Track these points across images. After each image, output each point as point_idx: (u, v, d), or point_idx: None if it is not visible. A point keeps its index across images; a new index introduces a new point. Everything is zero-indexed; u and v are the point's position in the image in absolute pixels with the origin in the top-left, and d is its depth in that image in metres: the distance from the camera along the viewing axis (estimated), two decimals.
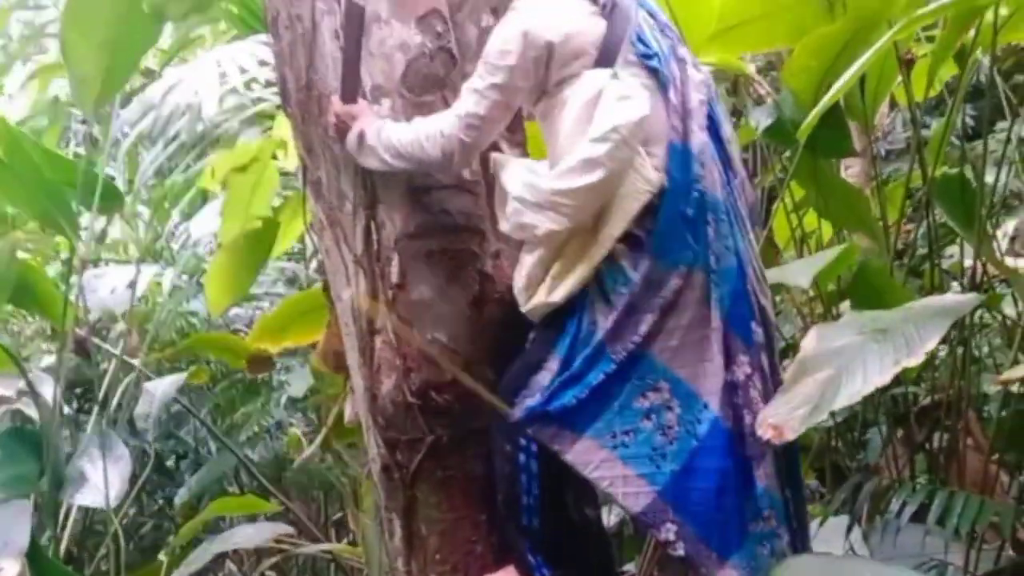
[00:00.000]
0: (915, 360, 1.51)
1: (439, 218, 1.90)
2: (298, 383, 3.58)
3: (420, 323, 1.88)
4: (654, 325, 1.64)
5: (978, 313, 2.54)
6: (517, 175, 1.71)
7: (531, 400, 1.69)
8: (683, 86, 1.72)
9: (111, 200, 2.39)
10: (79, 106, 2.22)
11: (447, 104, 1.84)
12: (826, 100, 1.81)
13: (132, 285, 3.42)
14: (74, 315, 2.41)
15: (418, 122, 1.77)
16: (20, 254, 2.78)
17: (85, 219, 2.32)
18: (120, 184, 3.37)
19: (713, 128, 1.75)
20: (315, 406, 3.37)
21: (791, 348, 2.71)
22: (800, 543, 1.74)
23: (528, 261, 1.74)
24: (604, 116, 1.60)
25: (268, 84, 2.99)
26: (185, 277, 3.82)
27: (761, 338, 1.71)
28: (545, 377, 1.70)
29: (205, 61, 2.72)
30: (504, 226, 1.75)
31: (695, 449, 1.63)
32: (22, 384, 2.47)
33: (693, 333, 1.65)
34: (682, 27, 2.50)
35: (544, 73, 1.68)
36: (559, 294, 1.68)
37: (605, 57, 1.67)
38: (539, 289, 1.71)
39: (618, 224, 1.64)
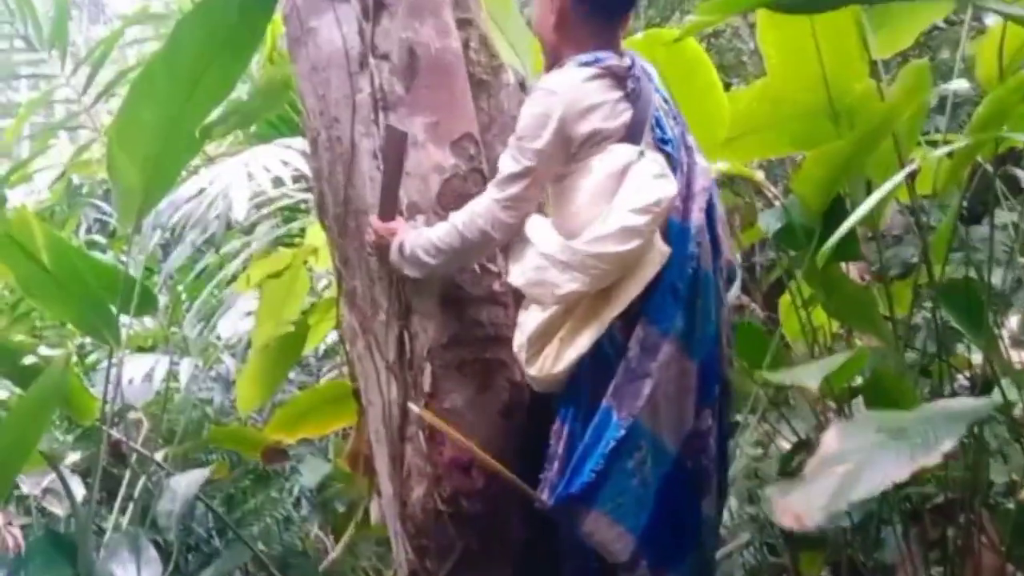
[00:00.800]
0: (933, 460, 1.56)
1: (471, 329, 1.98)
2: (310, 474, 3.60)
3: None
4: (652, 389, 1.74)
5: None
6: (547, 233, 1.80)
7: (554, 478, 1.77)
8: (689, 171, 1.86)
9: (147, 305, 2.47)
10: (121, 218, 2.31)
11: None
12: (843, 229, 1.90)
13: (149, 376, 3.49)
14: (110, 416, 2.45)
15: (452, 215, 1.87)
16: (43, 349, 2.84)
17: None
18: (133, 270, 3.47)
19: (710, 211, 1.89)
20: (329, 499, 3.39)
21: (805, 445, 2.76)
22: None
23: (532, 320, 1.81)
24: (644, 190, 1.72)
25: (295, 180, 3.11)
26: (200, 365, 3.88)
27: (718, 394, 1.89)
28: (558, 450, 1.79)
29: (235, 164, 2.82)
30: (517, 279, 1.82)
31: (661, 491, 1.78)
32: (46, 482, 2.50)
33: (673, 394, 1.79)
34: (695, 130, 2.65)
35: (573, 151, 1.78)
36: (570, 356, 1.76)
37: (630, 137, 1.79)
38: (546, 351, 1.79)
39: (633, 289, 1.74)
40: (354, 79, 2.00)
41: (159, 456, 2.91)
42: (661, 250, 1.76)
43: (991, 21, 2.67)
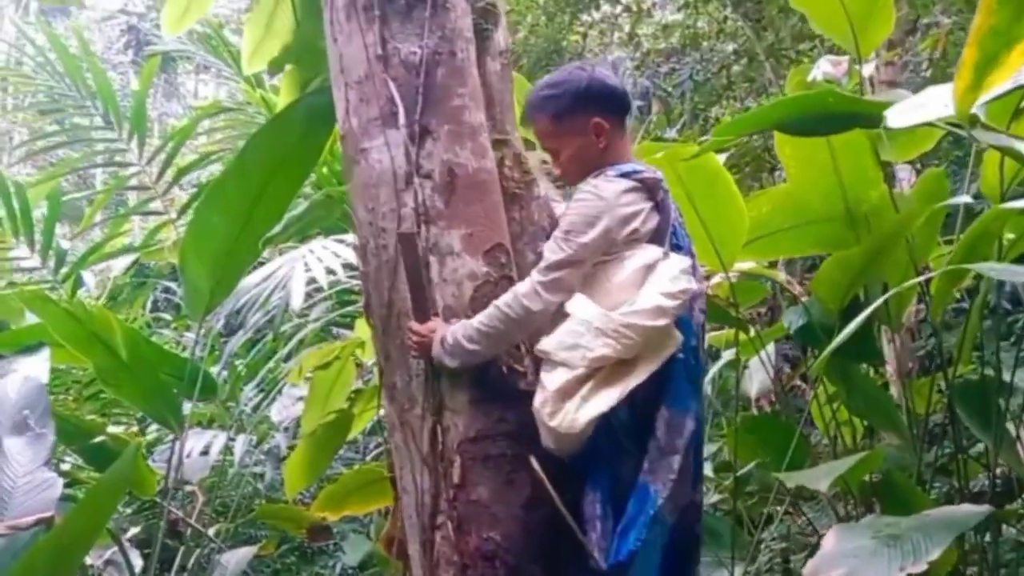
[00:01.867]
0: (919, 568, 1.66)
1: (498, 425, 2.14)
2: (354, 551, 3.75)
3: (477, 522, 2.09)
4: (680, 464, 1.95)
5: None
6: (586, 304, 2.01)
7: (600, 542, 1.94)
8: (695, 274, 2.11)
9: (209, 391, 2.69)
10: (189, 314, 2.56)
11: None
12: (850, 328, 2.03)
13: (206, 451, 3.70)
14: (169, 494, 2.66)
15: (494, 302, 2.06)
16: (110, 428, 3.07)
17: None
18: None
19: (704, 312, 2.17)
20: None
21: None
22: None
23: (558, 378, 1.97)
24: (675, 280, 1.98)
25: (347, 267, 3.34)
26: (253, 441, 4.09)
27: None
28: (596, 512, 1.96)
29: (294, 257, 3.06)
30: (548, 344, 2.01)
31: (663, 560, 1.97)
32: (108, 554, 2.69)
33: (685, 468, 2.00)
34: (717, 238, 2.82)
35: (610, 248, 2.03)
36: (590, 412, 1.93)
37: (656, 239, 2.06)
38: (567, 406, 1.95)
39: (653, 364, 1.97)
40: (400, 195, 2.22)
41: (212, 531, 3.09)
42: (676, 335, 2.01)
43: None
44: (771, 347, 3.37)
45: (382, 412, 2.76)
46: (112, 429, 2.92)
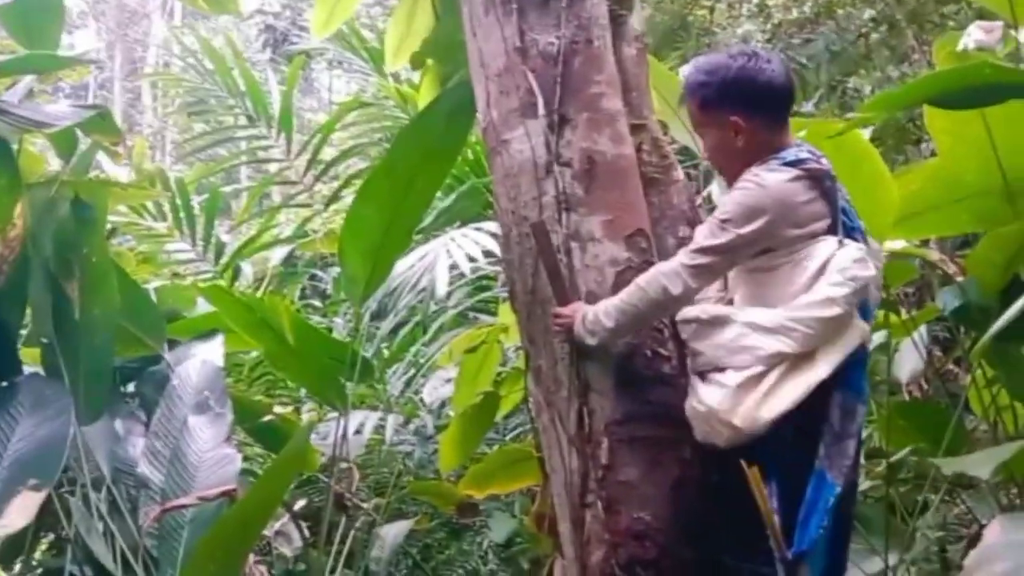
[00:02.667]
0: None
1: (643, 408, 2.18)
2: (499, 528, 3.87)
3: (627, 502, 2.14)
4: (855, 449, 1.94)
5: None
6: (745, 309, 2.01)
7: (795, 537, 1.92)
8: (873, 256, 2.04)
9: (367, 374, 2.86)
10: (349, 299, 2.73)
11: None
12: (1013, 310, 1.95)
13: (359, 431, 3.91)
14: (335, 471, 2.85)
15: (636, 279, 2.07)
16: (277, 408, 3.30)
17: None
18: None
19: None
20: (515, 555, 3.64)
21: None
22: None
23: (731, 379, 1.94)
24: (842, 271, 1.92)
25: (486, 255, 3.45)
26: (400, 420, 4.28)
27: None
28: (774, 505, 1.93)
29: (438, 246, 3.19)
30: (709, 352, 2.00)
31: (829, 544, 1.95)
32: (278, 525, 2.91)
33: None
34: (865, 217, 2.74)
35: (771, 243, 1.99)
36: (774, 408, 1.89)
37: (830, 230, 1.99)
38: (746, 403, 1.91)
39: (836, 358, 1.92)
40: (540, 184, 2.28)
41: (369, 506, 3.28)
42: (862, 327, 1.98)
43: None
44: (922, 330, 3.25)
45: (526, 394, 2.85)
46: (277, 409, 3.13)
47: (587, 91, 2.27)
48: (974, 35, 2.68)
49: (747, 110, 2.04)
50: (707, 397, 1.99)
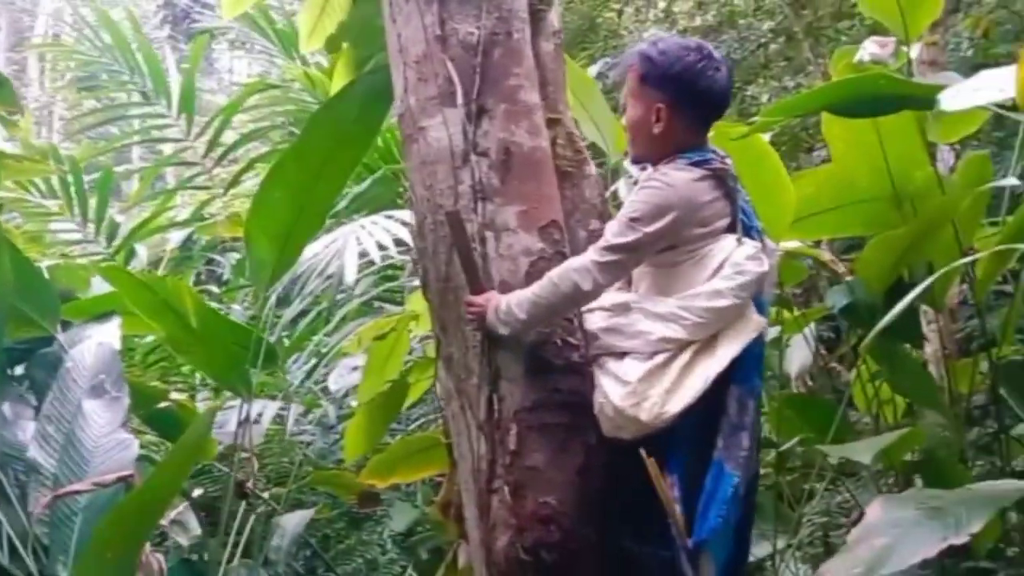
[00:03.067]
0: (960, 539, 1.71)
1: (552, 395, 2.22)
2: (400, 518, 3.87)
3: (533, 487, 2.17)
4: (749, 440, 2.00)
5: None
6: (639, 297, 2.10)
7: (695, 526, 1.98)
8: (768, 254, 2.14)
9: (271, 361, 2.81)
10: (254, 284, 2.67)
11: None
12: (898, 309, 2.08)
13: (258, 419, 3.83)
14: (238, 459, 2.78)
15: (548, 273, 2.12)
16: (173, 395, 3.20)
17: None
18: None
19: None
20: (416, 544, 3.64)
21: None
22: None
23: (634, 370, 2.02)
24: (735, 266, 2.02)
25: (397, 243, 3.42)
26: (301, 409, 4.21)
27: None
28: (675, 495, 2.00)
29: (347, 233, 3.16)
30: (606, 338, 2.09)
31: (735, 531, 2.03)
32: (174, 514, 2.83)
33: (753, 443, 2.07)
34: (764, 218, 2.85)
35: (676, 244, 2.07)
36: (677, 403, 1.97)
37: (730, 228, 2.08)
38: (652, 398, 1.98)
39: (733, 350, 2.00)
40: (457, 172, 2.29)
41: (267, 495, 3.22)
42: (757, 320, 2.06)
43: None
44: (811, 327, 3.42)
45: (435, 383, 2.85)
46: (174, 396, 3.04)
47: (506, 83, 2.29)
48: (869, 49, 2.84)
49: (677, 103, 2.10)
50: (612, 394, 2.05)
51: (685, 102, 2.11)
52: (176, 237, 4.23)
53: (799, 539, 3.00)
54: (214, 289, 5.52)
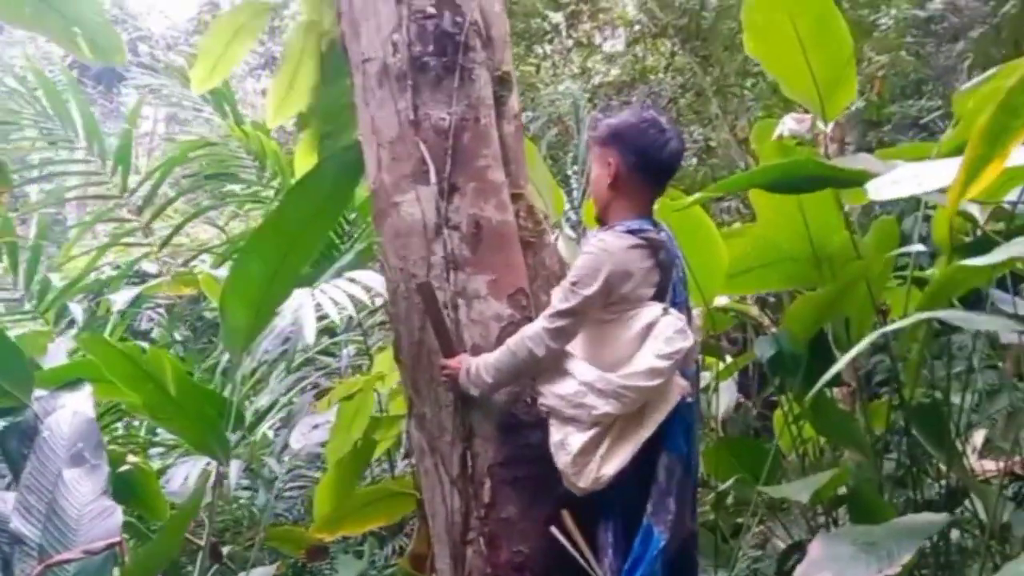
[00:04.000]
0: (894, 570, 1.95)
1: (523, 450, 2.41)
2: (346, 571, 3.93)
3: (508, 537, 2.35)
4: (676, 504, 2.20)
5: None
6: (585, 367, 2.27)
7: (615, 566, 2.19)
8: (691, 329, 2.37)
9: (239, 422, 2.89)
10: (228, 350, 2.76)
11: None
12: (828, 375, 2.33)
13: (206, 476, 3.85)
14: (210, 521, 2.84)
15: (507, 340, 2.31)
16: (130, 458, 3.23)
17: None
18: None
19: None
20: None
21: (796, 547, 3.16)
22: None
23: (576, 441, 2.21)
24: (669, 341, 2.22)
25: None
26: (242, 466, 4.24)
27: None
28: (608, 540, 2.23)
29: (304, 295, 3.27)
30: (555, 402, 2.26)
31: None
32: None
33: (680, 505, 2.26)
34: (698, 274, 3.13)
35: (611, 302, 2.27)
36: (611, 467, 2.19)
37: (658, 296, 2.30)
38: (591, 465, 2.20)
39: (659, 416, 2.22)
40: (430, 244, 2.48)
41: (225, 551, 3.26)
42: (681, 384, 2.28)
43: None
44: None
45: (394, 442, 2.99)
46: (131, 459, 3.07)
47: (475, 163, 2.50)
48: (788, 124, 3.17)
49: (626, 161, 2.33)
50: (559, 460, 2.26)
51: (634, 161, 2.34)
52: (123, 297, 4.22)
53: (736, 572, 3.23)
54: (143, 345, 5.48)
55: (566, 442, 2.26)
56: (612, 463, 2.20)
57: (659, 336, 2.23)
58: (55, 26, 2.32)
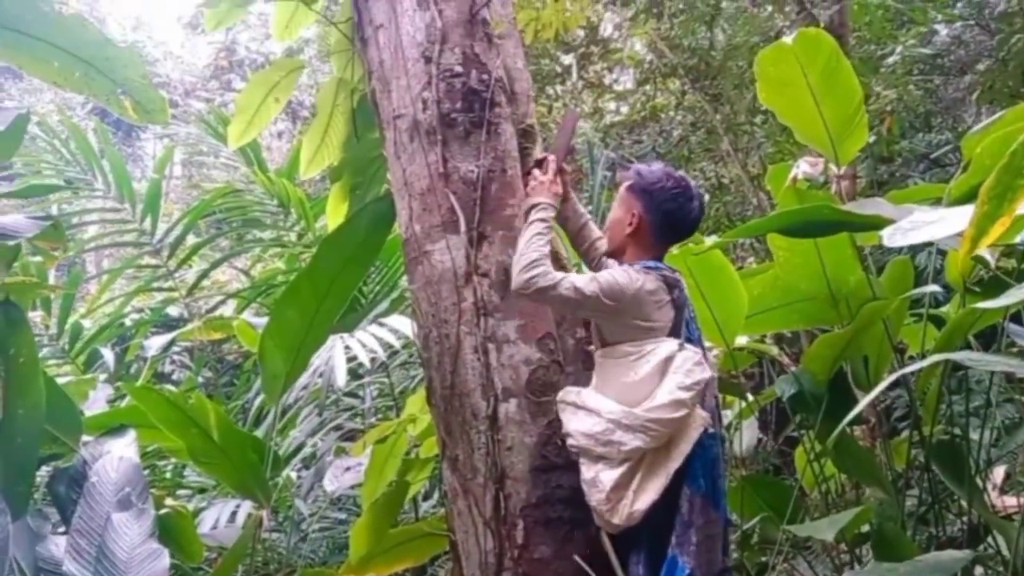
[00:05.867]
0: None
1: (555, 491, 2.48)
2: None
3: None
4: (697, 536, 2.27)
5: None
6: (610, 404, 2.34)
7: None
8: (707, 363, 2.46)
9: (277, 467, 2.98)
10: (265, 396, 2.86)
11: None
12: (849, 418, 2.41)
13: (233, 518, 3.93)
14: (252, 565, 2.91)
15: (528, 247, 2.41)
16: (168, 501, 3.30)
17: None
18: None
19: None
20: None
21: None
22: None
23: (608, 478, 2.29)
24: (689, 373, 2.31)
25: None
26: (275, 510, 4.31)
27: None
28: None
29: (336, 342, 3.37)
30: (584, 441, 2.33)
31: None
32: None
33: (705, 539, 2.33)
34: (719, 315, 3.22)
35: (619, 318, 2.37)
36: (645, 502, 2.27)
37: (673, 331, 2.41)
38: (624, 501, 2.27)
39: (685, 447, 2.30)
40: (460, 291, 2.57)
41: None
42: (702, 415, 2.37)
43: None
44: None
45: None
46: (169, 502, 3.15)
47: (502, 213, 2.60)
48: (802, 167, 3.26)
49: (649, 214, 2.47)
50: (592, 498, 2.33)
51: (657, 220, 2.48)
52: (156, 343, 4.33)
53: None
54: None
55: (598, 479, 2.33)
56: (644, 498, 2.28)
57: (679, 369, 2.33)
58: (103, 89, 2.44)
